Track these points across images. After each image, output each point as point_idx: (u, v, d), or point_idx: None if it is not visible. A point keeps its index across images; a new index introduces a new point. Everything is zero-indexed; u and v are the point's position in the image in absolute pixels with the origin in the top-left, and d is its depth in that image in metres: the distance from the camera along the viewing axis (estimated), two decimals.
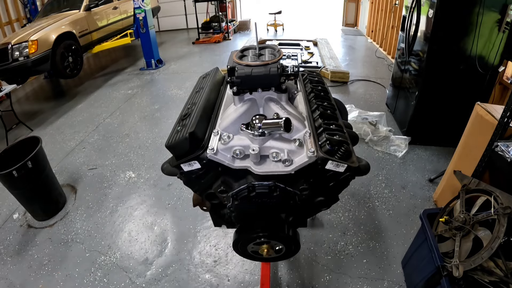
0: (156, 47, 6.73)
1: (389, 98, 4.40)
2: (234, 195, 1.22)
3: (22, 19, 7.09)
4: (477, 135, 2.31)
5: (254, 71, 1.19)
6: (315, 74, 1.67)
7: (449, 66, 3.06)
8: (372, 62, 6.33)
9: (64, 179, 3.41)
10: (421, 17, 3.26)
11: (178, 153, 1.17)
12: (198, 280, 2.27)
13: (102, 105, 5.17)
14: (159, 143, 3.95)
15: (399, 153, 3.41)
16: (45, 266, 2.46)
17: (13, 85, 4.39)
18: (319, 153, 1.08)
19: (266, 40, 7.56)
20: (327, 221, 2.66)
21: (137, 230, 2.72)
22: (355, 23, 9.26)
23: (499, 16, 2.74)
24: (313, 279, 2.22)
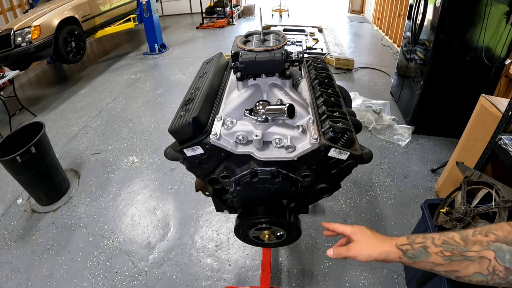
0: (160, 32, 6.68)
1: (393, 86, 4.36)
2: (236, 181, 1.22)
3: (24, 4, 7.03)
4: (480, 127, 2.29)
5: (258, 57, 1.18)
6: (320, 60, 1.65)
7: (455, 56, 3.02)
8: (377, 50, 6.26)
9: (68, 164, 3.43)
10: (428, 6, 3.21)
11: (181, 138, 1.17)
12: (199, 265, 2.31)
13: (105, 90, 5.16)
14: (162, 128, 3.95)
15: (402, 142, 3.40)
16: (49, 250, 2.50)
17: (16, 71, 4.38)
18: (322, 140, 1.08)
19: (270, 26, 7.47)
20: (328, 208, 2.67)
21: (140, 215, 2.75)
22: (361, 10, 9.12)
23: (507, 8, 2.69)
24: (313, 265, 2.25)
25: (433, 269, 0.72)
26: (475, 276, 0.67)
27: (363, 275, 2.17)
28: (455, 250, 0.69)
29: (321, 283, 2.14)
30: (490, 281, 0.65)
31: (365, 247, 0.81)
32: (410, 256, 0.74)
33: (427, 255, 0.72)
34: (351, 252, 0.83)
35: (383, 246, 0.79)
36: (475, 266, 0.66)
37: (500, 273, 0.63)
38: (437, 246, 0.71)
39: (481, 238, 0.68)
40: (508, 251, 0.63)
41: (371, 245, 0.80)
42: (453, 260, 0.69)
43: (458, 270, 0.69)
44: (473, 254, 0.67)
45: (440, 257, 0.70)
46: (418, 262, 0.74)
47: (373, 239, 0.81)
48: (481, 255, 0.66)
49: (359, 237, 0.84)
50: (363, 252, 0.81)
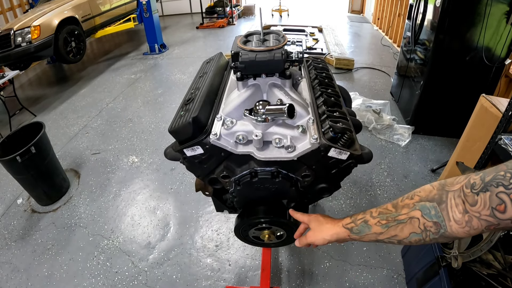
0: (160, 32, 6.68)
1: (393, 86, 4.36)
2: (236, 180, 1.22)
3: (24, 4, 7.03)
4: (480, 127, 2.29)
5: (258, 57, 1.18)
6: (320, 60, 1.65)
7: (455, 56, 3.02)
8: (377, 50, 6.26)
9: (68, 164, 3.43)
10: (428, 6, 3.21)
11: (181, 138, 1.17)
12: (199, 265, 2.31)
13: (105, 90, 5.16)
14: (162, 128, 3.95)
15: (402, 142, 3.40)
16: (49, 250, 2.50)
17: (16, 71, 4.38)
18: (322, 140, 1.08)
19: (270, 26, 7.47)
20: (328, 208, 2.67)
21: (140, 215, 2.75)
22: (361, 10, 9.12)
23: (507, 8, 2.69)
24: (313, 265, 2.25)
25: (378, 239, 0.78)
26: (412, 236, 0.71)
27: (363, 275, 2.17)
28: (389, 217, 0.75)
29: (321, 283, 2.14)
30: (426, 238, 0.69)
31: (319, 232, 0.93)
32: (356, 232, 0.82)
33: (369, 227, 0.79)
34: (309, 239, 0.96)
35: (333, 228, 0.89)
36: (408, 227, 0.71)
37: (431, 229, 0.68)
38: (374, 218, 0.78)
39: (408, 201, 0.73)
40: (432, 207, 0.67)
41: (323, 230, 0.92)
42: (390, 226, 0.74)
43: (397, 235, 0.74)
44: (403, 217, 0.72)
45: (379, 227, 0.76)
46: (363, 235, 0.81)
47: (324, 224, 0.93)
48: (410, 216, 0.71)
49: (313, 225, 0.95)
50: (318, 237, 0.92)
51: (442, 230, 0.66)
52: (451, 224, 0.64)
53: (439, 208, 0.67)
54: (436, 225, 0.67)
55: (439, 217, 0.66)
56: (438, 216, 0.67)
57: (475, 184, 0.61)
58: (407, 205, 0.72)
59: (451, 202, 0.65)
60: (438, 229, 0.67)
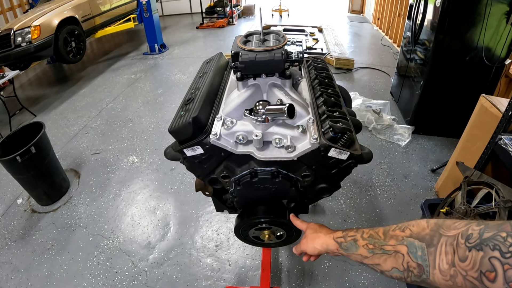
0: (160, 32, 6.69)
1: (393, 86, 4.36)
2: (236, 180, 1.22)
3: (24, 4, 7.03)
4: (481, 127, 2.29)
5: (258, 57, 1.18)
6: (320, 60, 1.65)
7: (455, 56, 3.02)
8: (377, 50, 6.26)
9: (68, 164, 3.43)
10: (428, 6, 3.21)
11: (181, 138, 1.17)
12: (199, 265, 2.31)
13: (105, 90, 5.16)
14: (162, 128, 3.95)
15: (402, 142, 3.40)
16: (49, 250, 2.50)
17: (16, 71, 4.38)
18: (322, 140, 1.07)
19: (270, 26, 7.47)
20: (328, 208, 2.67)
21: (140, 215, 2.75)
22: (361, 10, 9.12)
23: (507, 8, 2.69)
24: (313, 265, 2.25)
25: (363, 262, 0.75)
26: (394, 272, 0.67)
27: (363, 275, 2.17)
28: (376, 243, 0.71)
29: (321, 283, 2.14)
30: (407, 278, 0.65)
31: (311, 241, 0.92)
32: (344, 248, 0.81)
33: (356, 247, 0.76)
34: (302, 246, 0.97)
35: (324, 239, 0.88)
36: (391, 261, 0.67)
37: (414, 270, 0.63)
38: (364, 239, 0.75)
39: (398, 233, 0.68)
40: (420, 247, 0.62)
41: (315, 239, 0.91)
42: (375, 253, 0.71)
43: (379, 264, 0.70)
44: (389, 248, 0.68)
45: (366, 250, 0.73)
46: (351, 254, 0.78)
47: (318, 233, 0.92)
48: (396, 250, 0.66)
49: (308, 233, 0.96)
50: (310, 246, 0.92)
51: (424, 276, 0.61)
52: (435, 272, 0.58)
53: (426, 251, 0.61)
54: (419, 268, 0.62)
55: (425, 261, 0.61)
56: (423, 259, 0.61)
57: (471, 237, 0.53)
58: (396, 237, 0.68)
59: (441, 248, 0.58)
60: (421, 273, 0.61)
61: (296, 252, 1.02)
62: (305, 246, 0.95)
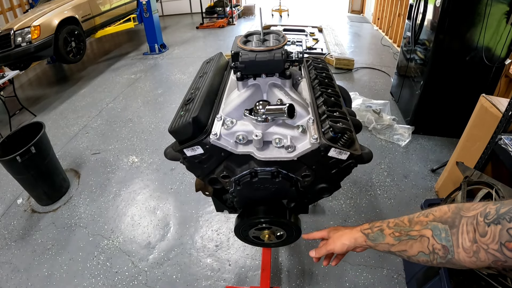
0: (160, 32, 6.68)
1: (393, 86, 4.36)
2: (236, 180, 1.22)
3: (24, 4, 7.03)
4: (481, 127, 2.29)
5: (258, 57, 1.18)
6: (320, 60, 1.65)
7: (455, 56, 3.02)
8: (377, 50, 6.26)
9: (68, 164, 3.43)
10: (428, 6, 3.21)
11: (181, 138, 1.17)
12: (199, 265, 2.31)
13: (105, 90, 5.16)
14: (162, 128, 3.95)
15: (402, 142, 3.40)
16: (49, 250, 2.50)
17: (16, 71, 4.38)
18: (322, 140, 1.08)
19: (270, 26, 7.47)
20: (328, 208, 2.67)
21: (140, 215, 2.75)
22: (361, 10, 9.12)
23: (507, 8, 2.69)
24: (313, 265, 2.25)
25: (390, 250, 0.79)
26: (420, 256, 0.71)
27: (363, 275, 2.17)
28: (402, 230, 0.76)
29: (321, 283, 2.14)
30: (433, 260, 0.69)
31: (338, 239, 0.94)
32: (371, 239, 0.84)
33: (383, 237, 0.80)
34: (328, 246, 0.96)
35: (351, 233, 0.91)
36: (418, 245, 0.71)
37: (439, 252, 0.67)
38: (390, 228, 0.79)
39: (422, 218, 0.73)
40: (444, 229, 0.66)
41: (343, 236, 0.93)
42: (401, 240, 0.75)
43: (406, 250, 0.74)
44: (415, 233, 0.72)
45: (392, 238, 0.78)
46: (378, 244, 0.83)
47: (343, 230, 0.95)
48: (421, 234, 0.71)
49: (332, 234, 0.97)
50: (338, 243, 0.93)
51: (449, 256, 0.65)
52: (459, 251, 0.63)
53: (450, 232, 0.65)
54: (444, 249, 0.66)
55: (448, 241, 0.65)
56: (447, 239, 0.65)
57: (489, 214, 0.58)
58: (421, 222, 0.72)
59: (462, 228, 0.63)
60: (445, 253, 0.66)
61: (317, 254, 1.01)
62: (333, 245, 0.95)
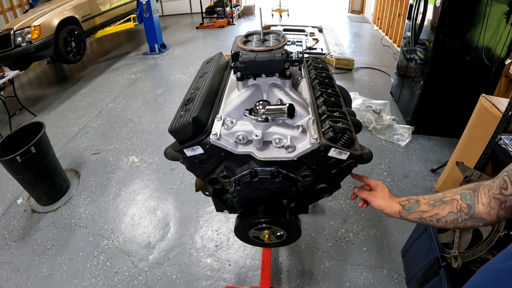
0: (160, 32, 6.68)
1: (393, 86, 4.36)
2: (236, 180, 1.22)
3: (24, 4, 7.03)
4: (481, 127, 2.29)
5: (258, 57, 1.17)
6: (320, 60, 1.65)
7: (455, 56, 3.02)
8: (377, 50, 6.26)
9: (68, 164, 3.43)
10: (428, 6, 3.21)
11: (181, 138, 1.16)
12: (199, 265, 2.31)
13: (105, 90, 5.16)
14: (162, 128, 3.95)
15: (402, 142, 3.40)
16: (49, 250, 2.50)
17: (16, 71, 4.38)
18: (322, 140, 1.07)
19: (270, 26, 7.47)
20: (328, 208, 2.67)
21: (140, 215, 2.75)
22: (361, 10, 9.12)
23: (507, 8, 2.69)
24: (313, 265, 2.25)
25: (421, 217, 0.97)
26: (449, 216, 0.91)
27: (363, 275, 2.17)
28: (437, 198, 0.96)
29: (321, 283, 2.14)
30: (459, 218, 0.89)
31: (380, 198, 1.09)
32: (407, 209, 1.01)
33: (418, 205, 0.98)
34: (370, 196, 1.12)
35: (391, 201, 1.06)
36: (449, 207, 0.91)
37: (464, 210, 0.88)
38: (425, 199, 0.98)
39: (453, 189, 0.95)
40: (469, 193, 0.89)
41: (384, 198, 1.08)
42: (435, 206, 0.94)
43: (438, 213, 0.93)
44: (447, 198, 0.93)
45: (427, 205, 0.96)
46: (412, 212, 0.99)
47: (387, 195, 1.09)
48: (453, 198, 0.92)
49: (379, 190, 1.12)
50: (378, 201, 1.09)
51: (472, 211, 0.86)
52: (479, 206, 0.85)
53: (473, 194, 0.88)
54: (468, 207, 0.87)
55: (472, 201, 0.87)
56: (471, 200, 0.87)
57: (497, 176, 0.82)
58: (451, 191, 0.94)
59: (481, 191, 0.86)
60: (469, 210, 0.86)
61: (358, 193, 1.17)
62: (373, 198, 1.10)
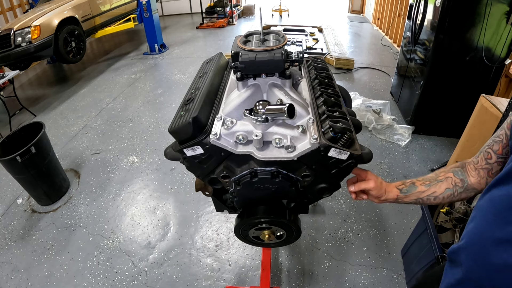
0: (160, 32, 6.68)
1: (393, 86, 4.36)
2: (236, 180, 1.22)
3: (24, 4, 7.02)
4: (481, 127, 2.29)
5: (258, 57, 1.17)
6: (320, 60, 1.65)
7: (455, 56, 3.02)
8: (377, 50, 6.26)
9: (68, 164, 3.43)
10: (428, 6, 3.21)
11: (181, 138, 1.16)
12: (199, 265, 2.31)
13: (105, 90, 5.16)
14: (162, 128, 3.95)
15: (402, 142, 3.40)
16: (49, 250, 2.50)
17: (16, 71, 4.38)
18: (322, 140, 1.07)
19: (270, 26, 7.47)
20: (328, 208, 2.67)
21: (140, 215, 2.75)
22: (361, 10, 9.12)
23: (507, 8, 2.69)
24: (313, 265, 2.25)
25: (418, 198, 1.04)
26: (446, 191, 1.01)
27: (363, 275, 2.17)
28: (432, 178, 1.04)
29: (321, 283, 2.14)
30: (455, 192, 1.00)
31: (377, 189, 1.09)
32: (404, 192, 1.06)
33: (415, 187, 1.05)
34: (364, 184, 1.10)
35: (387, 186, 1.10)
36: (445, 184, 1.01)
37: (459, 184, 0.99)
38: (419, 181, 1.05)
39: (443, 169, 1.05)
40: (460, 170, 1.02)
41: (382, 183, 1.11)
42: (431, 185, 1.02)
43: (435, 191, 1.02)
44: (442, 177, 1.02)
45: (423, 186, 1.03)
46: (409, 195, 1.05)
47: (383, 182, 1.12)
48: (446, 176, 1.02)
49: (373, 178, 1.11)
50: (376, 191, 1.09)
51: (465, 184, 0.98)
52: (470, 178, 0.98)
53: (462, 170, 1.01)
54: (462, 181, 0.99)
55: (463, 175, 1.00)
56: (463, 174, 1.00)
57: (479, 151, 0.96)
58: (444, 171, 1.03)
59: (468, 167, 1.00)
60: (463, 183, 0.98)
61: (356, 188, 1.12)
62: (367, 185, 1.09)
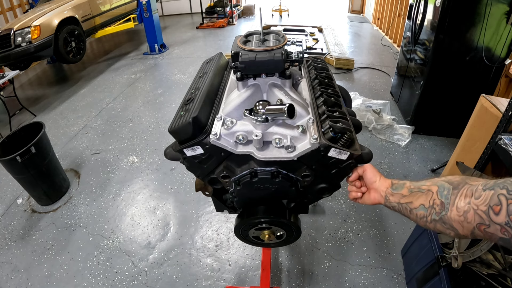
0: (160, 32, 6.68)
1: (393, 86, 4.36)
2: (236, 180, 1.22)
3: (24, 4, 7.02)
4: (481, 127, 2.29)
5: (258, 57, 1.17)
6: (320, 60, 1.65)
7: (455, 56, 3.02)
8: (377, 50, 6.26)
9: (68, 164, 3.43)
10: (428, 6, 3.21)
11: (181, 138, 1.16)
12: (199, 264, 2.31)
13: (105, 90, 5.16)
14: (162, 128, 3.95)
15: (402, 142, 3.40)
16: (49, 250, 2.50)
17: (16, 71, 4.38)
18: (322, 140, 1.07)
19: (270, 26, 7.47)
20: (328, 208, 2.67)
21: (140, 215, 2.75)
22: (361, 10, 9.13)
23: (507, 8, 2.69)
24: (313, 265, 2.25)
25: (399, 202, 0.89)
26: (420, 209, 0.80)
27: (363, 275, 2.17)
28: (417, 184, 0.86)
29: (321, 283, 2.14)
30: (428, 216, 0.77)
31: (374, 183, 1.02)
32: (393, 188, 0.94)
33: (402, 188, 0.91)
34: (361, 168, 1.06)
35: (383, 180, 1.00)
36: (422, 198, 0.80)
37: (436, 207, 0.74)
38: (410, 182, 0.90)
39: (436, 178, 0.81)
40: (448, 188, 0.73)
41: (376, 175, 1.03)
42: (412, 192, 0.85)
43: (412, 202, 0.83)
44: (425, 187, 0.81)
45: (407, 189, 0.88)
46: (395, 193, 0.92)
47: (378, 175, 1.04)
48: (429, 188, 0.80)
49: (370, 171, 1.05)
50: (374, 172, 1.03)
51: (443, 213, 0.72)
52: (453, 209, 0.70)
53: (451, 192, 0.72)
54: (441, 205, 0.73)
55: (447, 199, 0.72)
56: (447, 197, 0.72)
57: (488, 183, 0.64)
58: (433, 180, 0.81)
59: (463, 191, 0.69)
60: (441, 209, 0.73)
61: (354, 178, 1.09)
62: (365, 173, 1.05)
